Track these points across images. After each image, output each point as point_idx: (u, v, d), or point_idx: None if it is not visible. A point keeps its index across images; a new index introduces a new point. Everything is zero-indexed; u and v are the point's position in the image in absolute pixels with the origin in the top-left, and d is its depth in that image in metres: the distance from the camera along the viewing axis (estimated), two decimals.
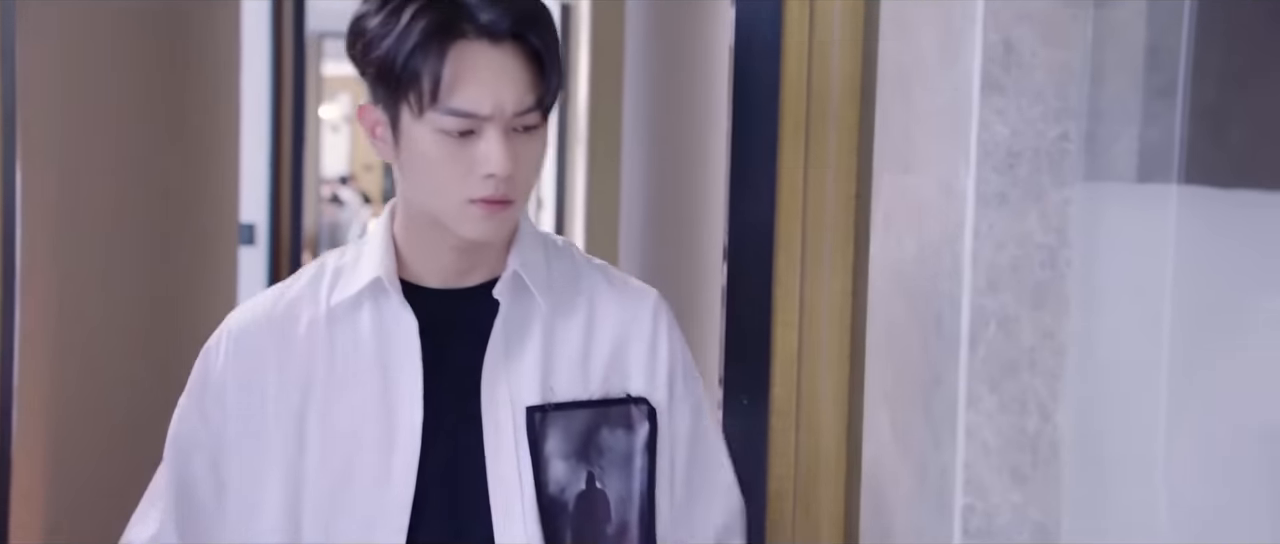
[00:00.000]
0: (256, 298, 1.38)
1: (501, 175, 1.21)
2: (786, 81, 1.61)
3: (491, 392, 1.30)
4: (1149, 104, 1.14)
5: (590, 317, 1.35)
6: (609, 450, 1.33)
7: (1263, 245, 1.10)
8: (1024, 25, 1.15)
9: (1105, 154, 1.15)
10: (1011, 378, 1.17)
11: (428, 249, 1.31)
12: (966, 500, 1.17)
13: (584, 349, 1.34)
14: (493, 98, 1.21)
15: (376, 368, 1.30)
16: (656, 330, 1.36)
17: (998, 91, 1.15)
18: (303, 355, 1.32)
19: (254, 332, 1.34)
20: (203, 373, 1.35)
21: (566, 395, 1.32)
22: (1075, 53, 1.15)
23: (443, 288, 1.32)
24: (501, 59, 1.21)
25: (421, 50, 1.20)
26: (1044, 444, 1.17)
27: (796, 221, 1.61)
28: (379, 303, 1.31)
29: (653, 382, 1.35)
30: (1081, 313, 1.16)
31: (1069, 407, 1.16)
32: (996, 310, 1.17)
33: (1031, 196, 1.16)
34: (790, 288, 1.64)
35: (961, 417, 1.17)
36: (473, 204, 1.23)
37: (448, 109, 1.20)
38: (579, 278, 1.37)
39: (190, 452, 1.34)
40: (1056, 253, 1.16)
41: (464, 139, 1.21)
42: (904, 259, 1.37)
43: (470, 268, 1.32)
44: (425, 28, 1.19)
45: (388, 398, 1.30)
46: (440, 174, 1.23)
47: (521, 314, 1.32)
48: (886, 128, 1.45)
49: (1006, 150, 1.16)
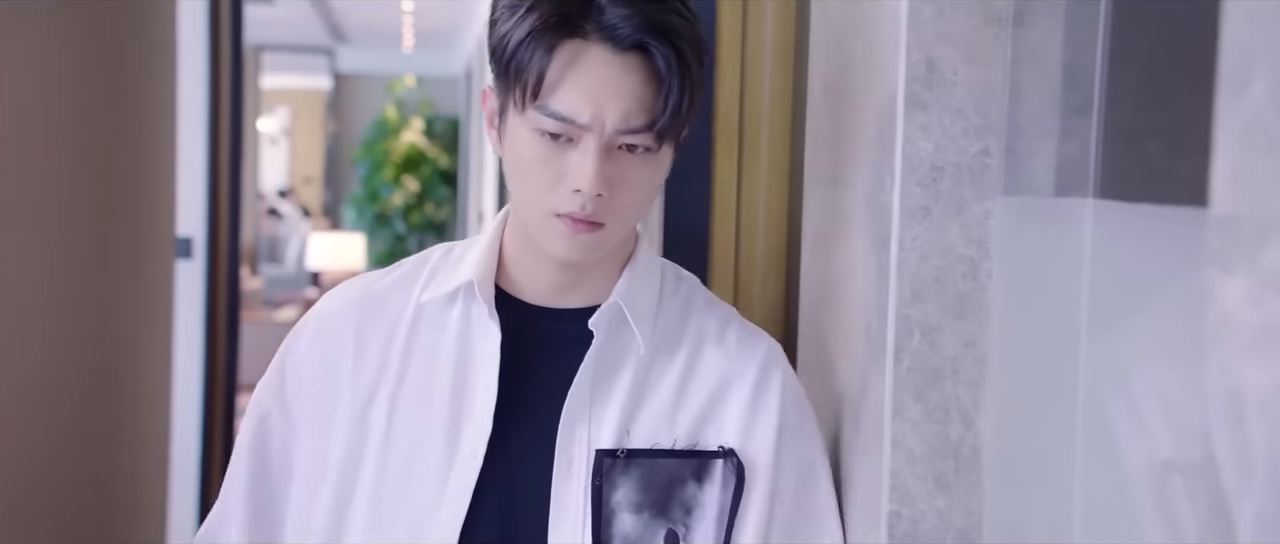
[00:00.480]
0: (351, 281, 1.32)
1: (589, 193, 1.12)
2: (721, 96, 1.64)
3: (570, 428, 1.21)
4: (1066, 121, 1.17)
5: (691, 362, 1.25)
6: (697, 507, 1.22)
7: (1172, 257, 1.14)
8: (946, 45, 1.18)
9: (1024, 169, 1.19)
10: (935, 387, 1.20)
11: (528, 260, 1.23)
12: (893, 507, 1.20)
13: (677, 396, 1.24)
14: (594, 106, 1.12)
15: (452, 375, 1.23)
16: (763, 382, 1.25)
17: (921, 108, 1.18)
18: (381, 346, 1.25)
19: (339, 316, 1.27)
20: (283, 356, 1.29)
21: (648, 442, 1.22)
22: (995, 71, 1.18)
23: (539, 304, 1.25)
24: (619, 69, 1.12)
25: (532, 42, 1.11)
26: (967, 450, 1.20)
27: (730, 235, 1.65)
28: (469, 308, 1.24)
29: (750, 436, 1.24)
30: (1002, 322, 1.20)
31: (990, 414, 1.20)
32: (921, 320, 1.20)
33: (954, 210, 1.19)
34: (725, 296, 1.67)
35: (887, 425, 1.20)
36: (557, 218, 1.15)
37: (546, 109, 1.12)
38: (688, 318, 1.27)
39: (267, 436, 1.29)
40: (978, 264, 1.20)
41: (560, 146, 1.14)
42: (833, 270, 1.40)
43: (571, 287, 1.24)
44: (542, 19, 1.11)
45: (457, 410, 1.22)
46: (530, 177, 1.15)
47: (617, 350, 1.23)
48: (816, 143, 1.48)
49: (930, 165, 1.19)
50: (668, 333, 1.26)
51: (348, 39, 10.14)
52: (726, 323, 1.28)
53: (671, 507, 1.21)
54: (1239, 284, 0.65)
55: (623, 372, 1.23)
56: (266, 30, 8.95)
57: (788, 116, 1.60)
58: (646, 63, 1.13)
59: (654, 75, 1.13)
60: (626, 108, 1.12)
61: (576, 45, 1.12)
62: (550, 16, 1.11)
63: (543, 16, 1.11)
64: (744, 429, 1.24)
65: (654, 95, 1.13)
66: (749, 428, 1.24)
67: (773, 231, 1.62)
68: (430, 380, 1.23)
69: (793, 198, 1.61)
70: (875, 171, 1.25)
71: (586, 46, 1.12)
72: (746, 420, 1.24)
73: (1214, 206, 0.69)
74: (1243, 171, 0.65)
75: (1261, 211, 0.63)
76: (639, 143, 1.14)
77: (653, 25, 1.12)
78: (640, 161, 1.15)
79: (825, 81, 1.43)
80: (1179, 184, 1.15)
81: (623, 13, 1.11)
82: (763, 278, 1.62)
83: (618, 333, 1.23)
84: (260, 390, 1.30)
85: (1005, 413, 1.19)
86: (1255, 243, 0.63)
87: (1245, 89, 0.66)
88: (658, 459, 1.21)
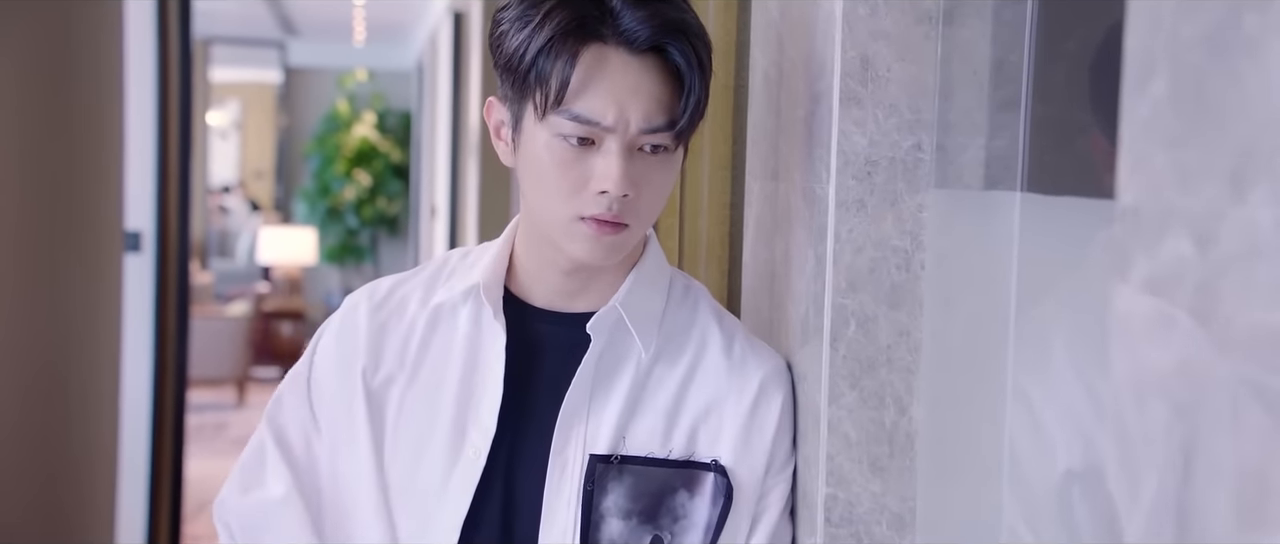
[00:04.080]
0: (379, 281, 1.34)
1: (615, 194, 1.14)
2: None
3: (566, 431, 1.23)
4: (994, 116, 1.21)
5: (692, 371, 1.26)
6: (685, 517, 1.23)
7: (1094, 249, 1.18)
8: (880, 42, 1.22)
9: (954, 163, 1.22)
10: (870, 374, 1.23)
11: (539, 265, 1.25)
12: (829, 490, 1.24)
13: (675, 404, 1.25)
14: (618, 108, 1.13)
15: (459, 374, 1.26)
16: (761, 403, 1.26)
17: (856, 104, 1.22)
18: (399, 344, 1.28)
19: (360, 314, 1.30)
20: (310, 354, 1.32)
21: (642, 450, 1.23)
22: (927, 68, 1.22)
23: (546, 308, 1.26)
24: (638, 70, 1.14)
25: (553, 48, 1.13)
26: (901, 436, 1.24)
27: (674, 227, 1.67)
28: (477, 310, 1.26)
29: (744, 455, 1.24)
30: (934, 312, 1.23)
31: (923, 401, 1.23)
32: (856, 310, 1.23)
33: (888, 203, 1.22)
34: None
35: (824, 411, 1.23)
36: (582, 221, 1.16)
37: (570, 113, 1.14)
38: (693, 327, 1.28)
39: (287, 428, 1.30)
40: (911, 256, 1.23)
41: (583, 149, 1.15)
42: (773, 262, 1.44)
43: (578, 291, 1.25)
44: (561, 25, 1.12)
45: (463, 408, 1.25)
46: (554, 183, 1.16)
47: (616, 355, 1.24)
48: (756, 137, 1.51)
49: (865, 159, 1.22)
50: (671, 340, 1.27)
51: (298, 32, 10.06)
52: (732, 336, 1.29)
53: (660, 514, 1.23)
54: (1138, 274, 0.69)
55: (621, 376, 1.24)
56: (216, 23, 8.86)
57: (730, 111, 1.63)
58: (663, 63, 1.15)
59: (670, 75, 1.15)
60: (648, 108, 1.14)
61: (596, 49, 1.13)
62: (568, 24, 1.12)
63: (560, 24, 1.12)
64: (738, 448, 1.25)
65: (671, 95, 1.15)
66: (742, 449, 1.25)
67: (715, 223, 1.65)
68: (439, 378, 1.26)
69: (734, 191, 1.64)
70: (812, 165, 1.28)
71: (605, 50, 1.14)
72: (739, 441, 1.25)
73: (1119, 199, 0.72)
74: (1143, 165, 0.69)
75: (1160, 204, 0.67)
76: (660, 142, 1.16)
77: (668, 26, 1.14)
78: (659, 162, 1.18)
79: (765, 77, 1.46)
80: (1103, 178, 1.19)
81: (639, 16, 1.13)
82: (705, 268, 1.65)
83: (617, 338, 1.25)
84: (280, 394, 1.33)
85: (938, 400, 1.23)
86: (1154, 234, 0.67)
87: (1146, 86, 0.69)
88: (650, 467, 1.22)
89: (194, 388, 6.57)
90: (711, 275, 1.66)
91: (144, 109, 3.96)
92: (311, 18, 9.16)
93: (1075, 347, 1.12)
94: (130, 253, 3.99)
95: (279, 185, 11.16)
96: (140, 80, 3.90)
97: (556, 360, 1.25)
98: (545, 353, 1.26)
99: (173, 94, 4.11)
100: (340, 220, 10.31)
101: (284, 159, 11.04)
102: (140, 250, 4.08)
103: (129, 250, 4.00)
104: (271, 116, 11.17)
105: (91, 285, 3.69)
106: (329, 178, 10.31)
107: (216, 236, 10.64)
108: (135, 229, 4.05)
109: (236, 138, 11.47)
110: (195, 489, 5.23)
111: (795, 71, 1.34)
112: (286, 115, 10.96)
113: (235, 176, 11.41)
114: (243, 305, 8.04)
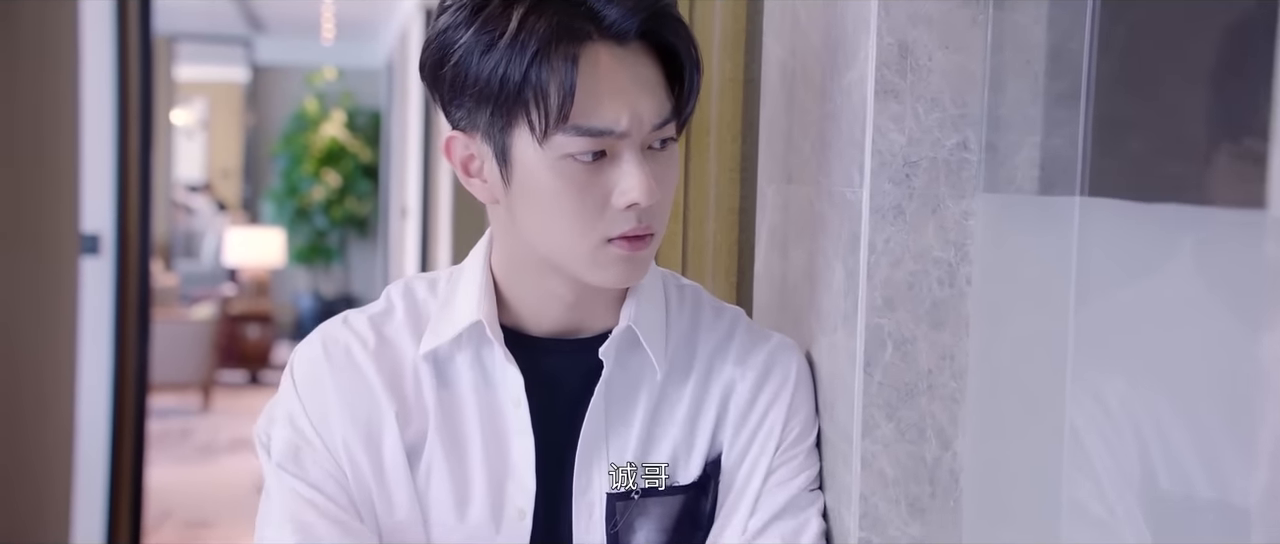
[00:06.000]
0: (347, 322, 1.16)
1: (646, 202, 1.03)
2: None
3: (586, 469, 1.12)
4: (1051, 111, 1.08)
5: (704, 382, 1.16)
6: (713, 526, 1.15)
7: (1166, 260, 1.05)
8: (920, 27, 1.08)
9: (1005, 164, 1.09)
10: (909, 404, 1.10)
11: (538, 297, 1.12)
12: (862, 534, 1.10)
13: (691, 422, 1.15)
14: (630, 110, 1.02)
15: (480, 425, 1.12)
16: (763, 387, 1.15)
17: (893, 97, 1.08)
18: (413, 395, 1.13)
19: (357, 357, 1.13)
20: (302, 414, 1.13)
21: (661, 481, 1.13)
22: (974, 56, 1.09)
23: (551, 337, 1.14)
24: (631, 63, 1.03)
25: (545, 60, 1.00)
26: (943, 473, 1.11)
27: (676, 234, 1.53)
28: (479, 352, 1.13)
29: (740, 443, 1.14)
30: (981, 333, 1.10)
31: (969, 434, 1.10)
32: (893, 331, 1.10)
33: (929, 209, 1.09)
34: None
35: (857, 445, 1.10)
36: (610, 245, 1.05)
37: (578, 128, 1.01)
38: (697, 335, 1.17)
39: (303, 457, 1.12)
40: (956, 269, 1.10)
41: (597, 165, 1.03)
42: (791, 275, 1.29)
43: (583, 316, 1.13)
44: (545, 33, 1.00)
45: (495, 465, 1.12)
46: (572, 210, 1.04)
47: (630, 378, 1.14)
48: (771, 136, 1.37)
49: (903, 160, 1.09)
50: (678, 353, 1.17)
51: (266, 29, 9.95)
52: (734, 331, 1.19)
53: (695, 532, 1.15)
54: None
55: (637, 402, 1.14)
56: (181, 19, 8.76)
57: (738, 107, 1.50)
58: (648, 49, 1.05)
59: (657, 60, 1.05)
60: (657, 101, 1.05)
61: (590, 51, 1.02)
62: (552, 29, 1.01)
63: (544, 32, 1.00)
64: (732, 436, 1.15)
65: (664, 81, 1.06)
66: (734, 434, 1.15)
67: (723, 230, 1.51)
68: (461, 430, 1.13)
69: (744, 195, 1.50)
70: (842, 167, 1.14)
71: (596, 50, 1.03)
72: (735, 428, 1.15)
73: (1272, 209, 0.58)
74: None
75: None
76: (669, 135, 1.07)
77: (649, 9, 1.04)
78: (668, 157, 1.08)
79: (781, 68, 1.32)
80: (1173, 180, 1.06)
81: (621, 5, 1.03)
82: (712, 280, 1.51)
83: (629, 358, 1.14)
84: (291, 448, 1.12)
85: (986, 432, 1.10)
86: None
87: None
88: (671, 496, 1.14)
89: (157, 393, 6.46)
90: (719, 288, 1.52)
91: (102, 107, 3.91)
92: (279, 15, 9.08)
93: (1150, 375, 0.99)
94: (87, 255, 3.94)
95: (246, 185, 11.07)
96: (98, 77, 3.84)
97: (574, 393, 1.13)
98: (560, 387, 1.14)
99: (133, 91, 4.11)
100: (309, 221, 10.24)
101: (251, 158, 10.96)
102: (98, 253, 4.05)
103: (86, 253, 3.94)
104: (238, 115, 11.08)
105: (45, 289, 3.62)
106: (297, 178, 10.24)
107: (182, 238, 10.55)
108: (93, 231, 4.01)
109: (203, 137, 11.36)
110: (157, 498, 5.12)
111: (819, 61, 1.20)
112: (254, 114, 10.88)
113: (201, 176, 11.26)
114: (208, 308, 7.90)
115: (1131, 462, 1.05)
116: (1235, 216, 0.96)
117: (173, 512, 5.34)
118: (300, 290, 10.24)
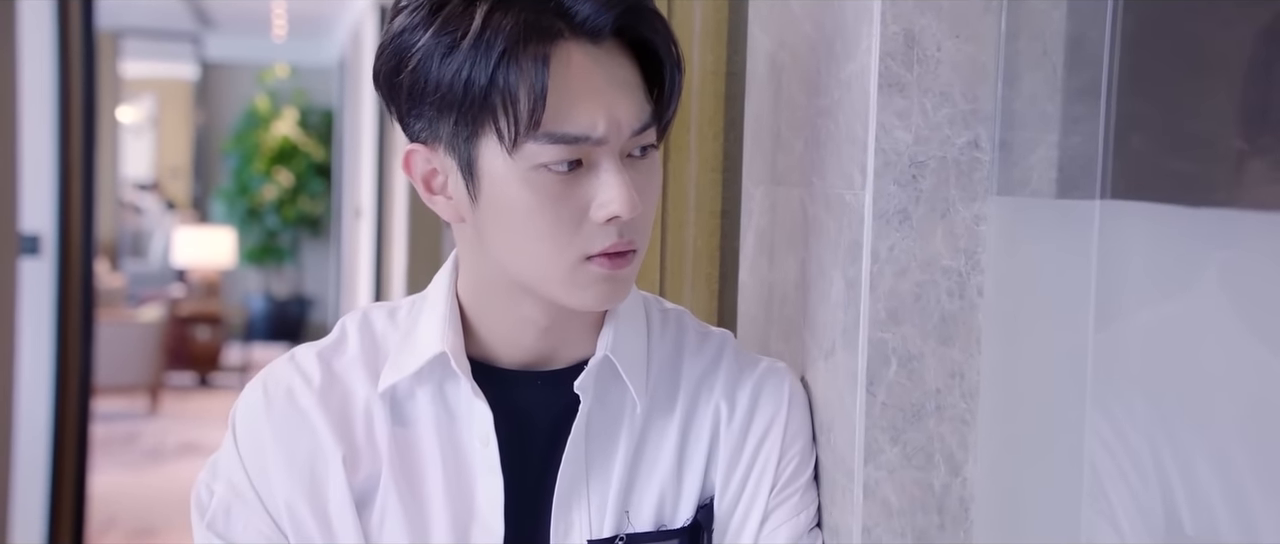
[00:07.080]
0: (294, 359, 1.07)
1: (628, 213, 0.95)
2: None
3: (565, 513, 1.04)
4: (1069, 108, 1.00)
5: (689, 415, 1.07)
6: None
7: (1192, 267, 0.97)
8: (928, 14, 1.00)
9: (1020, 164, 1.01)
10: (915, 426, 1.02)
11: (507, 325, 1.04)
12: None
13: (678, 459, 1.06)
14: (607, 114, 0.94)
15: (441, 468, 1.03)
16: (753, 420, 1.07)
17: (898, 91, 1.00)
18: (364, 437, 1.04)
19: (302, 401, 1.04)
20: (236, 461, 1.04)
21: (653, 522, 1.05)
22: (986, 47, 1.01)
23: (522, 369, 1.05)
24: (606, 63, 0.95)
25: (513, 59, 0.91)
26: (953, 502, 1.02)
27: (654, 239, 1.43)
28: (442, 386, 1.04)
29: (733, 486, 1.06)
30: (994, 349, 1.02)
31: (980, 458, 1.02)
32: (898, 346, 1.01)
33: (937, 213, 1.01)
34: None
35: (858, 471, 1.01)
36: (590, 262, 0.97)
37: (552, 135, 0.93)
38: (681, 363, 1.09)
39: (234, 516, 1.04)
40: (966, 279, 1.02)
41: (572, 175, 0.95)
42: (781, 284, 1.20)
43: (557, 344, 1.05)
44: (512, 31, 0.91)
45: (457, 508, 1.03)
46: (547, 226, 0.95)
47: (609, 414, 1.05)
48: (757, 133, 1.28)
49: (909, 160, 1.01)
50: (661, 385, 1.08)
51: (215, 25, 9.83)
52: (722, 356, 1.10)
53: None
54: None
55: (618, 440, 1.05)
56: (127, 15, 8.64)
57: (721, 103, 1.41)
58: (624, 47, 0.97)
59: (634, 60, 0.97)
60: (636, 104, 0.97)
61: (562, 51, 0.94)
62: (520, 28, 0.92)
63: (511, 31, 0.92)
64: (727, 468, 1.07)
65: (641, 82, 0.98)
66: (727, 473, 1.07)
67: (704, 236, 1.42)
68: (419, 473, 1.04)
69: (727, 197, 1.41)
70: (840, 167, 1.05)
71: (568, 49, 0.94)
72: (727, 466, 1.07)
73: None
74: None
75: None
76: (649, 141, 0.98)
77: (624, 3, 0.96)
78: (649, 165, 0.99)
79: (770, 60, 1.23)
80: (1202, 182, 0.99)
81: (592, 2, 0.94)
82: (691, 289, 1.42)
83: (608, 392, 1.06)
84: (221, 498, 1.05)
85: (998, 457, 1.03)
86: None
87: None
88: (663, 541, 1.05)
89: (102, 396, 6.33)
90: (699, 297, 1.43)
91: (42, 104, 3.89)
92: (229, 11, 8.99)
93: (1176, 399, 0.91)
94: (27, 256, 3.90)
95: (196, 184, 10.98)
96: (37, 74, 3.81)
97: (548, 430, 1.04)
98: (532, 423, 1.05)
99: (75, 88, 4.12)
100: (260, 220, 10.18)
101: (201, 157, 10.87)
102: (39, 253, 4.03)
103: (26, 253, 3.90)
104: (187, 113, 10.97)
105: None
106: (248, 176, 10.16)
107: (129, 237, 10.42)
108: (33, 231, 3.98)
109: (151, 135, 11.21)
110: (101, 505, 4.99)
111: (813, 52, 1.11)
112: (203, 111, 10.79)
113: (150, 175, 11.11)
114: (156, 309, 7.78)
115: (1154, 502, 0.98)
116: (1271, 221, 0.89)
117: (117, 519, 5.21)
118: (251, 291, 10.18)
